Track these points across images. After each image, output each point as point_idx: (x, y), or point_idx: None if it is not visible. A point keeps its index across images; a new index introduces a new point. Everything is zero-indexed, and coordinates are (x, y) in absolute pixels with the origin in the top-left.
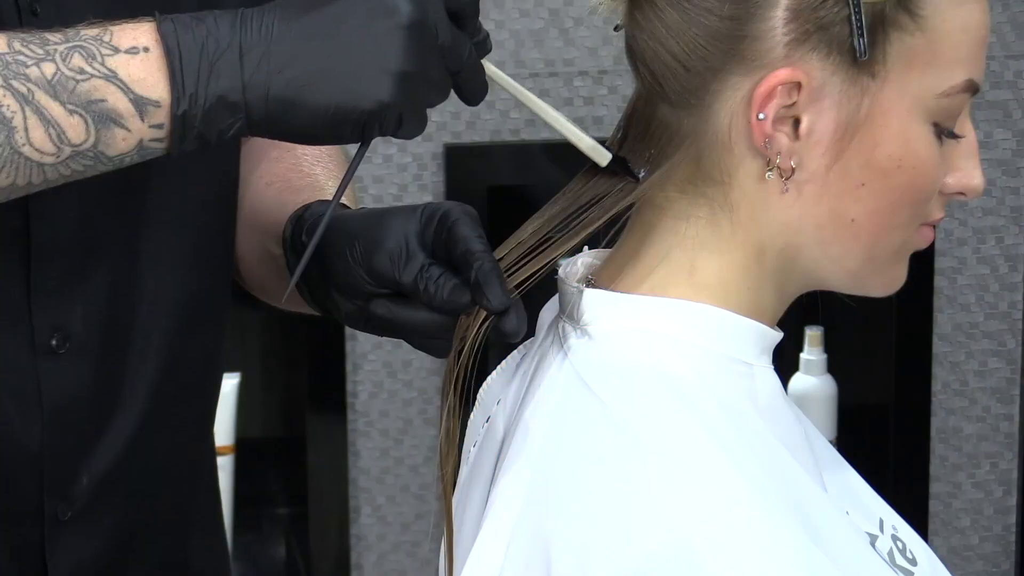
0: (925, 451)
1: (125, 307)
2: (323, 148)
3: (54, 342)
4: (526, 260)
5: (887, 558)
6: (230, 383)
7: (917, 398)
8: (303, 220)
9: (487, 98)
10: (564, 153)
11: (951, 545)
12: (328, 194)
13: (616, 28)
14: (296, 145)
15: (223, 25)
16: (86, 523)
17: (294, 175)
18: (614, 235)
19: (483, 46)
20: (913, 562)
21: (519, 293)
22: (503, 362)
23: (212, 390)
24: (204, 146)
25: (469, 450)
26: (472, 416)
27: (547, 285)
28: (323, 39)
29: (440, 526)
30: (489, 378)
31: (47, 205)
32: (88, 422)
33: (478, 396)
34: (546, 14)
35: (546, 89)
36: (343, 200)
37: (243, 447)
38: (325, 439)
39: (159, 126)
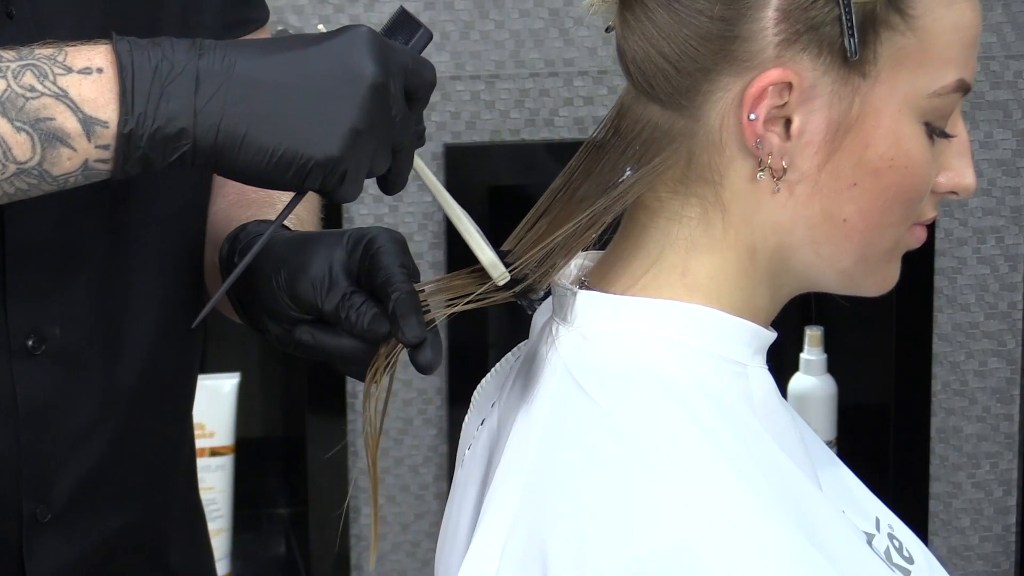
0: (925, 451)
1: (108, 311)
2: None
3: (30, 343)
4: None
5: (884, 556)
6: (230, 383)
7: (917, 398)
8: (238, 240)
9: (487, 98)
10: (565, 153)
11: (951, 545)
12: (278, 205)
13: (608, 29)
14: None
15: (179, 50)
16: (66, 526)
17: (251, 188)
18: (607, 237)
19: (422, 137)
20: (910, 560)
21: (444, 318)
22: (496, 365)
23: (189, 394)
24: (147, 169)
25: (463, 452)
26: (466, 419)
27: None
28: (284, 82)
29: (438, 524)
30: (483, 380)
31: (24, 207)
32: (66, 424)
33: (472, 399)
34: (546, 14)
35: (546, 89)
36: (285, 223)
37: (243, 447)
38: (325, 439)
39: (105, 147)
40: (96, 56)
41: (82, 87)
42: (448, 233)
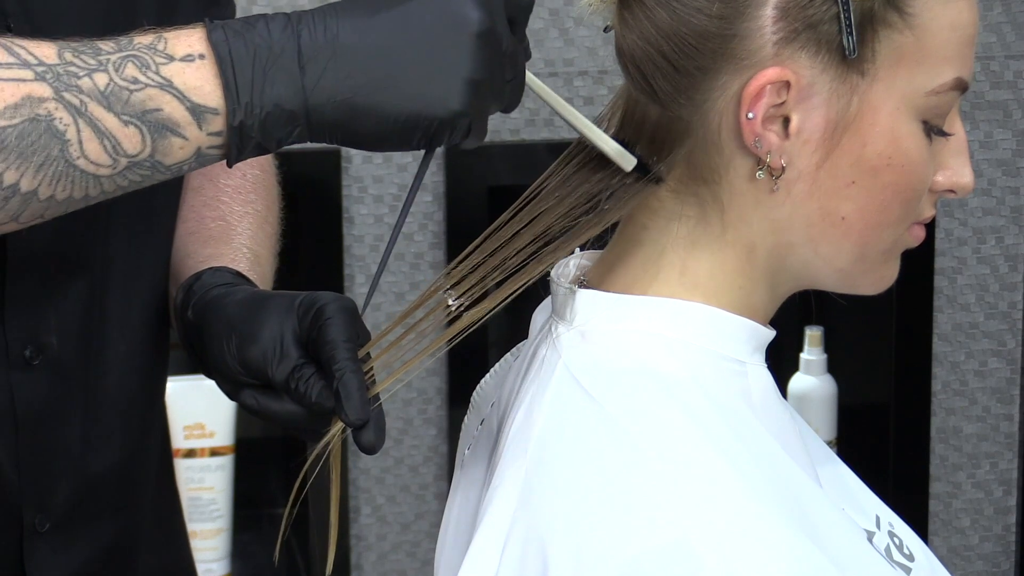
0: (925, 451)
1: (97, 319)
2: (248, 179)
3: (27, 353)
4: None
5: (884, 554)
6: None
7: (917, 398)
8: (192, 292)
9: None
10: None
11: (951, 545)
12: (235, 240)
13: (606, 29)
14: (219, 176)
15: (275, 30)
16: (65, 535)
17: (209, 212)
18: (606, 236)
19: (528, 50)
20: (911, 558)
21: (385, 399)
22: (496, 365)
23: (159, 403)
24: (264, 153)
25: (463, 453)
26: (465, 419)
27: (539, 286)
28: (393, 44)
29: (438, 524)
30: (483, 381)
31: None
32: (63, 434)
33: (471, 399)
34: (546, 14)
35: None
36: (246, 273)
37: (243, 447)
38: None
39: (217, 134)
40: (195, 42)
41: (186, 75)
42: (448, 233)
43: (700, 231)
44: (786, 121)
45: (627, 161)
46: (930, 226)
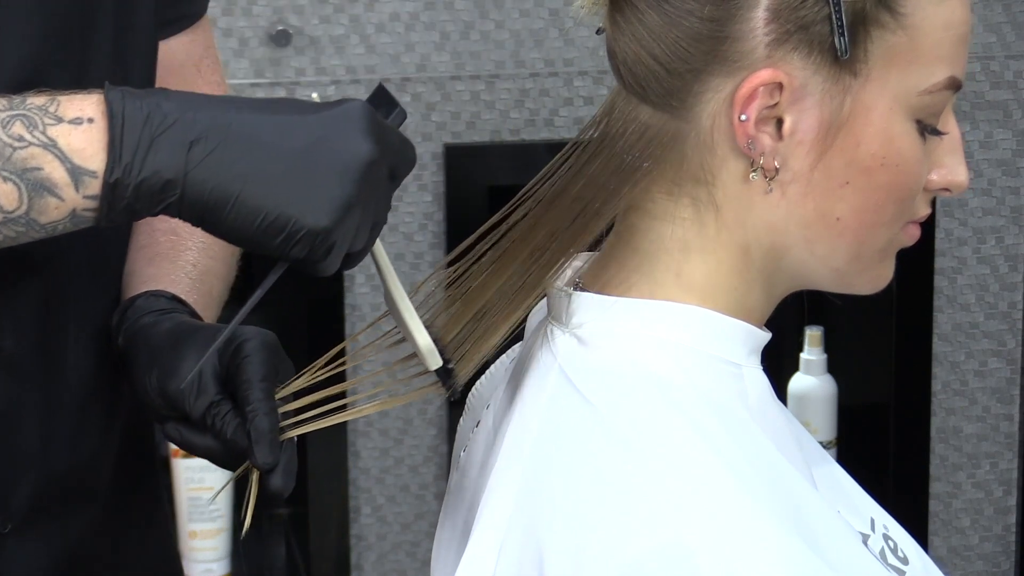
0: (925, 451)
1: (54, 321)
2: None
3: None
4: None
5: (879, 557)
6: None
7: (917, 398)
8: (125, 318)
9: (487, 98)
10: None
11: (951, 545)
12: (182, 257)
13: (598, 31)
14: None
15: (173, 101)
16: (28, 537)
17: (160, 225)
18: (601, 238)
19: (388, 207)
20: (905, 561)
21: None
22: (491, 367)
23: (126, 398)
24: (133, 219)
25: (459, 454)
26: (461, 421)
27: None
28: (283, 147)
29: (436, 525)
30: (478, 383)
31: None
32: (19, 436)
33: (467, 401)
34: (546, 14)
35: (546, 89)
36: (186, 293)
37: None
38: (325, 439)
39: (93, 197)
40: (88, 106)
41: (71, 137)
42: (448, 233)
43: (695, 233)
44: (779, 123)
45: (433, 360)
46: (930, 226)
